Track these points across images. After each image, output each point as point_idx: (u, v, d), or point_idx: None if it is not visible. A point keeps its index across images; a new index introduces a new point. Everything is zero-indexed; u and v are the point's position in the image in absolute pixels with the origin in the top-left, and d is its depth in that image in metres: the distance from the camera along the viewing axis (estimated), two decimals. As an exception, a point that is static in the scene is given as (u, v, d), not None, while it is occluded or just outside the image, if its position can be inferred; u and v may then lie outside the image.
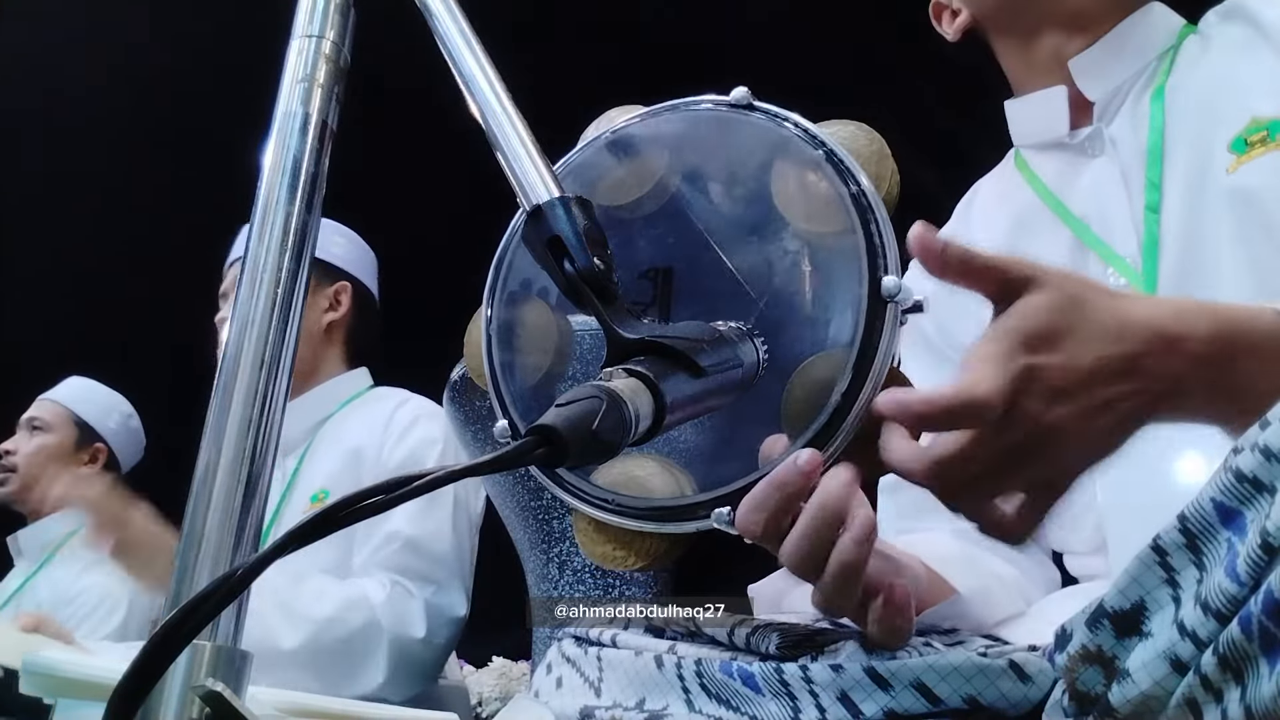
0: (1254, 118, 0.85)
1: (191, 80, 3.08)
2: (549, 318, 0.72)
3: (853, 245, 0.63)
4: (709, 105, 0.71)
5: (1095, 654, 0.50)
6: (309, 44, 0.63)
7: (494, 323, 0.72)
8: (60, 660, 0.77)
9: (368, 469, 1.69)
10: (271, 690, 0.85)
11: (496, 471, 0.48)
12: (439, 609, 1.60)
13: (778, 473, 0.60)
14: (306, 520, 0.40)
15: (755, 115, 0.69)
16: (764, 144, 0.68)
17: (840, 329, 0.63)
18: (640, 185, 0.70)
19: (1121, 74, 0.95)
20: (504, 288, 0.73)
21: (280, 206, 0.59)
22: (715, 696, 0.62)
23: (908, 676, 0.57)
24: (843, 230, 0.64)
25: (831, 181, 0.65)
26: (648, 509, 0.66)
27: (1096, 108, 0.95)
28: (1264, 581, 0.42)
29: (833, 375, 0.62)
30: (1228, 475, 0.46)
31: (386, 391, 1.86)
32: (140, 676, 0.39)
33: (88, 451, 2.49)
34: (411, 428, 1.73)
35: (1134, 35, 0.96)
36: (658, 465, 0.67)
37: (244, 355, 0.55)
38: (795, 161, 0.67)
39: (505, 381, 0.71)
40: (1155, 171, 0.89)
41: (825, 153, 0.66)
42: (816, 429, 0.61)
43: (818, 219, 0.66)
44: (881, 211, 0.65)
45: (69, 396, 2.53)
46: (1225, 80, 0.90)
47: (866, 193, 0.65)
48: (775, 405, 0.64)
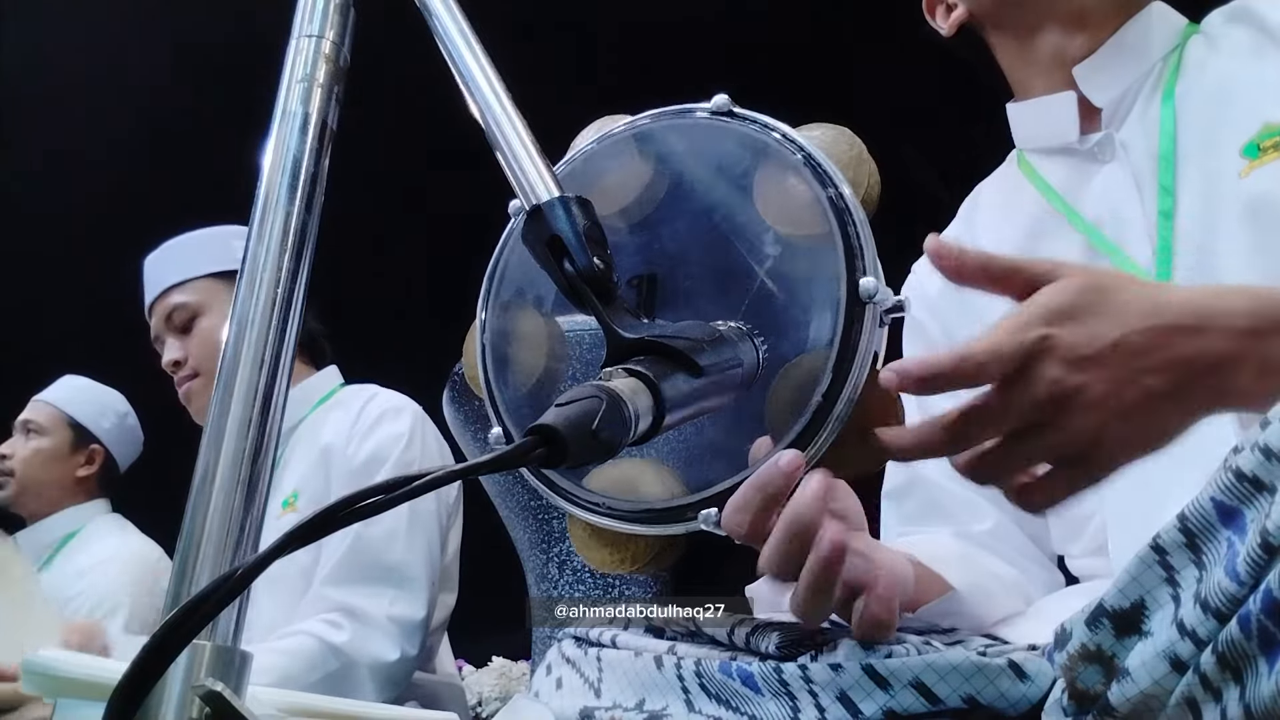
0: (1266, 123, 0.85)
1: (192, 80, 3.08)
2: (542, 326, 0.73)
3: (831, 248, 0.64)
4: (687, 113, 0.72)
5: (1095, 653, 0.50)
6: (309, 44, 0.63)
7: (488, 332, 0.73)
8: (60, 660, 0.77)
9: (335, 468, 1.67)
10: (271, 690, 0.85)
11: (496, 471, 0.48)
12: (400, 621, 1.58)
13: (759, 474, 0.61)
14: (306, 520, 0.40)
15: (735, 122, 0.70)
16: (745, 150, 0.69)
17: (820, 330, 0.64)
18: (625, 195, 0.71)
19: (1127, 78, 0.94)
20: (497, 297, 0.73)
21: (280, 206, 0.59)
22: (715, 697, 0.62)
23: (907, 676, 0.57)
24: (821, 233, 0.65)
25: (810, 185, 0.66)
26: (638, 512, 0.67)
27: (1104, 113, 0.94)
28: (1263, 581, 0.42)
29: (814, 376, 0.63)
30: (1228, 474, 0.46)
31: (355, 389, 1.84)
32: (140, 676, 0.39)
33: (84, 453, 2.47)
34: (378, 423, 1.71)
35: (1137, 39, 0.95)
36: (650, 469, 0.68)
37: (244, 355, 0.55)
38: (775, 167, 0.68)
39: (499, 390, 0.72)
40: (1168, 177, 0.88)
41: (804, 157, 0.67)
42: (798, 430, 0.62)
43: (797, 223, 0.67)
44: (860, 214, 0.66)
45: (62, 397, 2.51)
46: (1235, 85, 0.89)
47: (844, 196, 0.66)
48: (759, 407, 0.65)
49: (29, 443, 2.45)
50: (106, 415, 2.53)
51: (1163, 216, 0.88)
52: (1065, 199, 0.95)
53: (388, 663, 1.54)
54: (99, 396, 2.55)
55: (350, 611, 1.55)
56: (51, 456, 2.44)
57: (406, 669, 1.59)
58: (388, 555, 1.60)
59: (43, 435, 2.46)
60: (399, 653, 1.55)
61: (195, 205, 1.86)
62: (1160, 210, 0.88)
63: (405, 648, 1.57)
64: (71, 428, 2.48)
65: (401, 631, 1.57)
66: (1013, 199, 1.01)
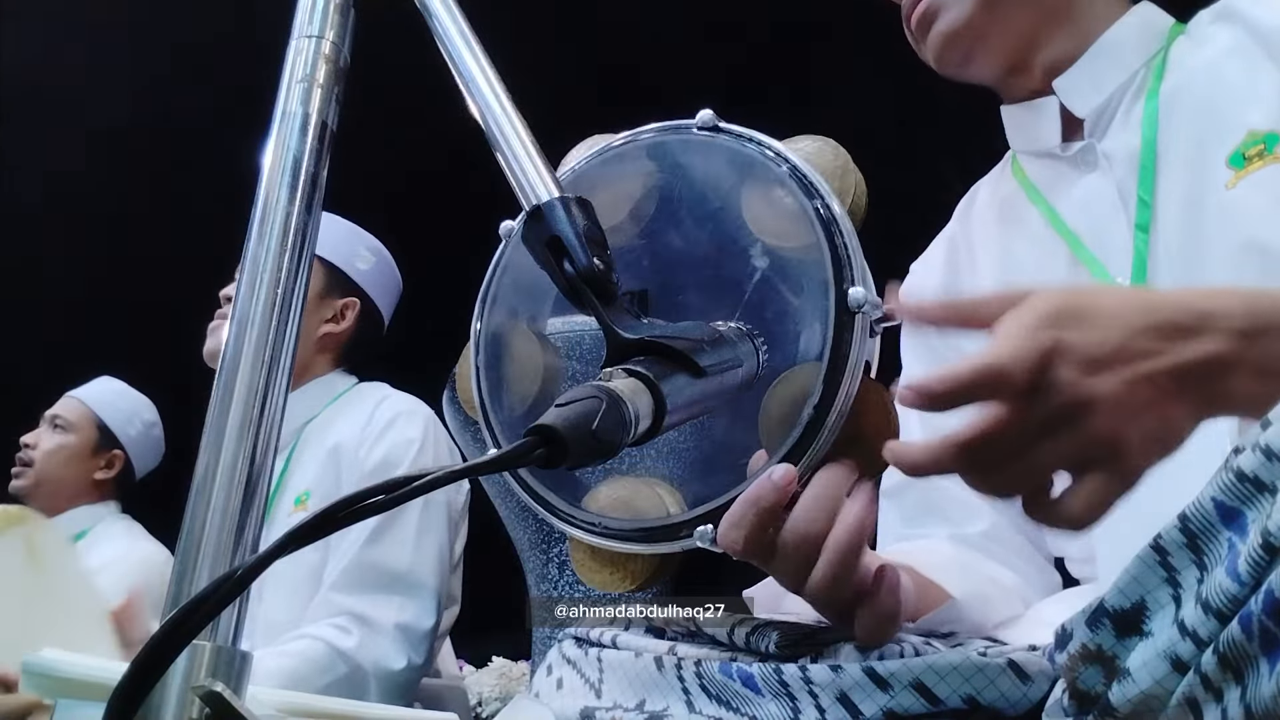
0: (1250, 131, 0.83)
1: (192, 80, 3.08)
2: (535, 346, 0.73)
3: (818, 259, 0.64)
4: (672, 130, 0.72)
5: (1095, 653, 0.50)
6: (309, 44, 0.63)
7: (480, 354, 0.73)
8: (60, 660, 0.77)
9: (346, 468, 1.68)
10: (271, 690, 0.85)
11: (496, 471, 0.48)
12: (408, 629, 1.58)
13: (753, 490, 0.61)
14: (306, 521, 0.40)
15: (721, 136, 0.71)
16: (731, 164, 0.70)
17: (810, 342, 0.64)
18: (615, 213, 0.71)
19: (1109, 86, 0.92)
20: (489, 319, 0.74)
21: (280, 206, 0.59)
22: (715, 697, 0.62)
23: (907, 677, 0.57)
24: (809, 244, 0.65)
25: (796, 197, 0.66)
26: (634, 530, 0.67)
27: (1087, 123, 0.93)
28: (1265, 581, 0.42)
29: (805, 389, 0.63)
30: (1229, 475, 0.46)
31: (368, 388, 1.84)
32: (140, 676, 0.39)
33: (105, 457, 2.46)
34: (390, 427, 1.71)
35: (1119, 45, 0.93)
36: (646, 488, 0.68)
37: (244, 355, 0.55)
38: (761, 180, 0.68)
39: (494, 411, 0.72)
40: (1146, 189, 0.87)
41: (789, 169, 0.67)
42: (791, 443, 0.62)
43: (785, 235, 0.67)
44: (847, 224, 0.66)
45: (95, 398, 2.50)
46: (1219, 90, 0.87)
47: (831, 207, 0.66)
48: (753, 421, 0.65)
49: (54, 437, 2.45)
50: (134, 422, 2.52)
51: (1139, 230, 0.86)
52: (1050, 203, 0.94)
53: (394, 670, 1.55)
54: (130, 402, 2.54)
55: (359, 618, 1.55)
56: (73, 455, 2.44)
57: (413, 677, 1.59)
58: (397, 562, 1.60)
59: (69, 432, 2.45)
60: (405, 661, 1.56)
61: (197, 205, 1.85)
62: (1138, 223, 0.86)
63: (412, 656, 1.57)
64: (98, 429, 2.47)
65: (409, 640, 1.57)
66: (1004, 199, 1.01)
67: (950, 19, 0.93)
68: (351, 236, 1.91)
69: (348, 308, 1.86)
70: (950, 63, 0.96)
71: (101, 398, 2.52)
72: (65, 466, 2.42)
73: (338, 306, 1.85)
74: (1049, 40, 0.94)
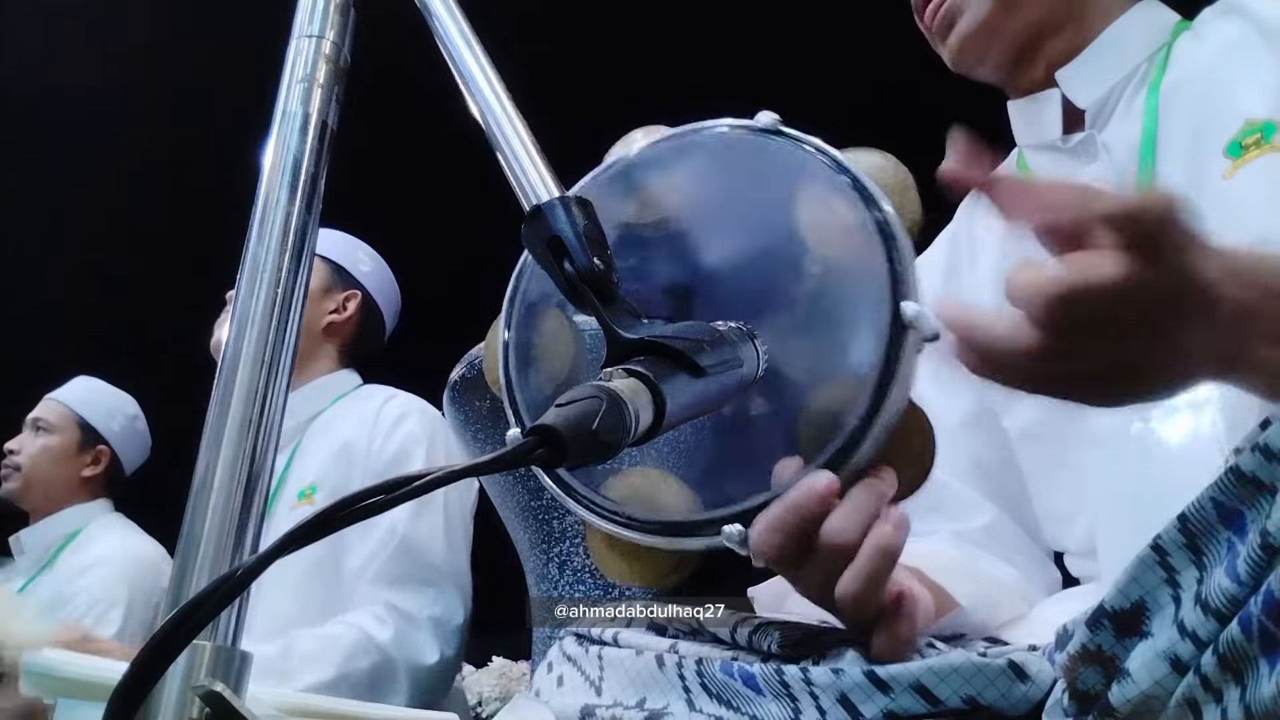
0: (1248, 119, 0.83)
1: (191, 80, 3.08)
2: (566, 329, 0.71)
3: (875, 272, 0.63)
4: (734, 129, 0.71)
5: (1095, 654, 0.50)
6: (309, 44, 0.63)
7: (512, 330, 0.72)
8: (60, 660, 0.77)
9: (357, 464, 1.69)
10: (271, 690, 0.85)
11: (496, 471, 0.48)
12: (441, 623, 1.59)
13: (794, 496, 0.60)
14: (306, 521, 0.40)
15: (780, 140, 0.70)
16: (789, 169, 0.68)
17: (860, 354, 0.62)
18: (665, 207, 0.71)
19: (1111, 78, 0.93)
20: (523, 297, 0.73)
21: (280, 206, 0.59)
22: (716, 696, 0.62)
23: (907, 679, 0.57)
24: (866, 256, 0.64)
25: (855, 208, 0.65)
26: (657, 524, 0.66)
27: (1088, 114, 0.94)
28: (1264, 581, 0.42)
29: (851, 399, 0.62)
30: (1228, 475, 0.46)
31: (374, 388, 1.86)
32: (140, 676, 0.39)
33: (90, 454, 2.49)
34: (399, 424, 1.73)
35: (1123, 39, 0.94)
36: (668, 481, 0.67)
37: (244, 355, 0.55)
38: (820, 187, 0.67)
39: (520, 390, 0.71)
40: (1146, 179, 0.87)
41: (850, 179, 0.66)
42: (832, 452, 0.61)
43: (841, 245, 0.66)
44: (905, 239, 0.65)
45: (74, 397, 2.52)
46: (1218, 81, 0.88)
47: (890, 220, 0.65)
48: (786, 426, 0.64)
49: (37, 440, 2.46)
50: (116, 417, 2.54)
51: None
52: None
53: (427, 665, 1.55)
54: (110, 398, 2.57)
55: (397, 610, 1.56)
56: (59, 455, 2.45)
57: (445, 672, 1.60)
58: (432, 556, 1.62)
59: (51, 433, 2.47)
60: (438, 655, 1.57)
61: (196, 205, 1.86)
62: None
63: (444, 650, 1.58)
64: (81, 427, 2.49)
65: (442, 633, 1.59)
66: None
67: (970, 19, 0.95)
68: (352, 243, 1.96)
69: (350, 299, 1.89)
70: (967, 62, 0.97)
71: (81, 396, 2.54)
72: (52, 467, 2.44)
73: (340, 298, 1.89)
74: (1056, 34, 0.95)
